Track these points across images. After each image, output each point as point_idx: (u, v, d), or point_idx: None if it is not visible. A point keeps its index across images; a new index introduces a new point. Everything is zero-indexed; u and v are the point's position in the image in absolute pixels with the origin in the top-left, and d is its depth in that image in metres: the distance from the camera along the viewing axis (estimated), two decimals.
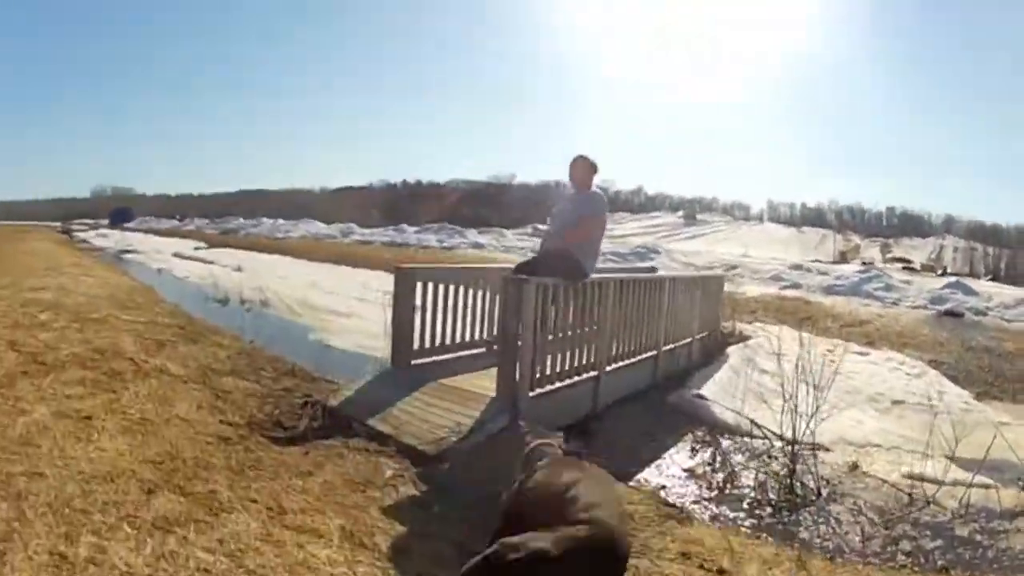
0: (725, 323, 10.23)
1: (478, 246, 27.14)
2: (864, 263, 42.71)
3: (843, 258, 51.65)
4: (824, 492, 4.68)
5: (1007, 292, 19.12)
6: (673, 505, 4.20)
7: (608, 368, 5.84)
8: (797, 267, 21.15)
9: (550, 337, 4.90)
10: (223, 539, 2.79)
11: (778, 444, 5.30)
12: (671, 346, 7.40)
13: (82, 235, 39.66)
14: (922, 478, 4.93)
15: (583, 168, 5.50)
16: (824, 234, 78.02)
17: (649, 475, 4.80)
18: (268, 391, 5.26)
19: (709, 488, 4.68)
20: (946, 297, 16.81)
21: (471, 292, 5.96)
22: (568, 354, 5.20)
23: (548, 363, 4.94)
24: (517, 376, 4.64)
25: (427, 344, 5.59)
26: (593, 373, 5.62)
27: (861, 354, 10.17)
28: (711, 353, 8.82)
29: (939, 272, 41.60)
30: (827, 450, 5.44)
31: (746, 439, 5.68)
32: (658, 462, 5.07)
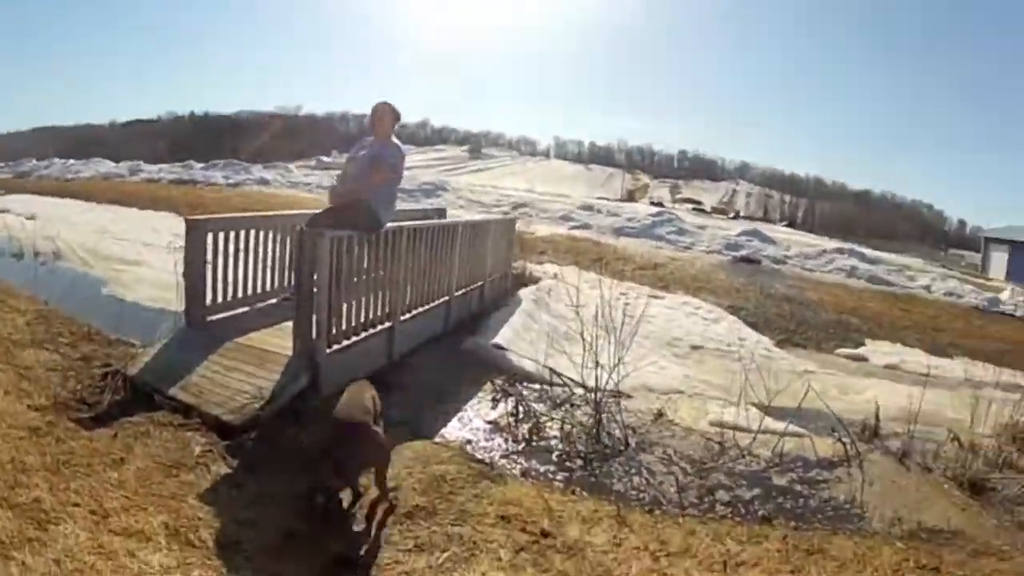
0: (515, 264, 10.26)
1: (264, 182, 26.62)
2: (653, 203, 44.10)
3: (631, 197, 52.84)
4: (632, 442, 4.70)
5: (808, 241, 20.53)
6: (482, 461, 4.20)
7: (402, 318, 5.84)
8: (587, 208, 21.55)
9: (345, 291, 4.87)
10: (58, 559, 2.70)
11: (579, 392, 5.34)
12: (463, 291, 7.45)
13: None
14: (733, 427, 5.07)
15: (384, 114, 5.34)
16: (612, 173, 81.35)
17: (452, 430, 4.76)
18: (69, 363, 4.96)
19: (515, 441, 4.63)
20: (742, 244, 17.57)
21: (263, 239, 5.78)
22: (364, 306, 5.20)
23: (344, 318, 4.93)
24: (314, 334, 4.60)
25: (220, 299, 5.39)
26: (387, 324, 5.61)
27: (655, 297, 10.70)
28: (502, 295, 8.86)
29: (731, 215, 43.18)
30: (629, 397, 5.53)
31: (546, 387, 5.68)
32: (460, 415, 5.03)
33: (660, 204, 41.57)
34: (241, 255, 5.52)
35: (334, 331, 4.79)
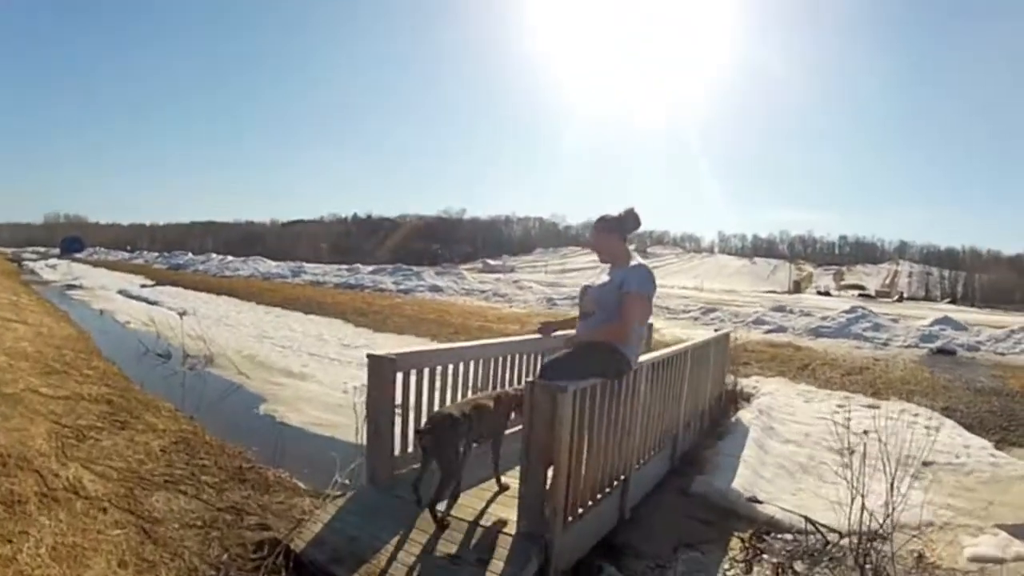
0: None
1: (436, 289, 25.72)
2: (820, 292, 43.49)
3: (797, 287, 52.53)
4: None
5: (993, 320, 19.66)
6: None
7: (636, 466, 4.72)
8: (779, 309, 20.58)
9: (586, 452, 3.75)
10: None
11: (837, 539, 4.57)
12: (687, 421, 6.32)
13: (32, 265, 38.28)
14: (995, 560, 4.53)
15: (599, 240, 4.09)
16: (776, 264, 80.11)
17: None
18: (212, 516, 4.04)
19: None
20: (936, 334, 16.57)
21: (461, 372, 4.87)
22: (601, 463, 4.05)
23: (583, 483, 3.78)
24: (548, 510, 3.48)
25: (411, 447, 4.40)
26: (622, 477, 4.47)
27: (872, 407, 9.63)
28: (720, 418, 7.93)
29: (895, 298, 42.21)
30: (883, 539, 4.46)
31: (799, 536, 4.73)
32: None
33: (827, 293, 39.91)
34: (436, 393, 4.59)
35: (571, 501, 3.67)
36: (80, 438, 5.07)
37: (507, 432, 4.29)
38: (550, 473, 3.49)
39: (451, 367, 4.72)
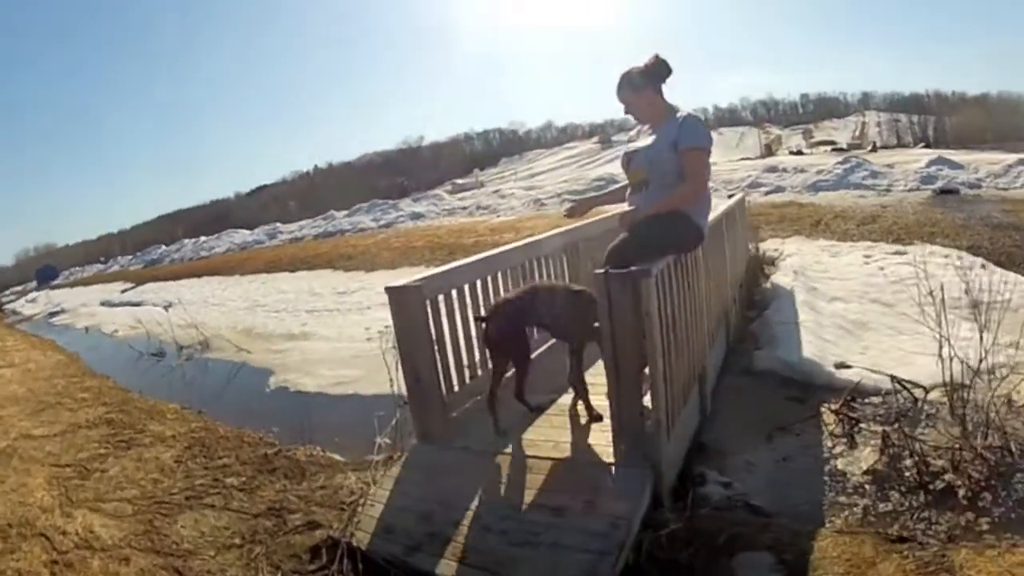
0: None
1: (417, 216, 24.53)
2: (792, 152, 43.40)
3: (769, 151, 52.42)
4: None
5: (979, 158, 18.78)
6: (912, 540, 2.66)
7: (708, 354, 4.13)
8: (772, 169, 19.88)
9: (675, 346, 3.11)
10: None
11: (929, 397, 4.14)
12: (732, 293, 5.78)
13: (11, 305, 37.25)
14: None
15: (635, 95, 3.35)
16: (742, 131, 79.61)
17: (828, 501, 3.16)
18: (248, 524, 3.39)
19: (910, 490, 3.14)
20: (934, 175, 16.27)
21: (491, 287, 4.19)
22: (687, 356, 3.44)
23: (676, 384, 3.17)
24: (649, 425, 2.87)
25: (457, 386, 3.75)
26: (699, 369, 3.89)
27: (897, 253, 9.49)
28: (755, 285, 7.56)
29: (868, 148, 42.82)
30: (966, 387, 3.99)
31: (885, 399, 4.28)
32: (825, 469, 3.47)
33: (799, 152, 39.37)
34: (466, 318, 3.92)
35: (670, 409, 3.04)
36: (83, 475, 4.39)
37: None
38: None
39: (479, 284, 4.03)
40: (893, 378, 4.37)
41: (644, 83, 3.29)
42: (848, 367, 4.79)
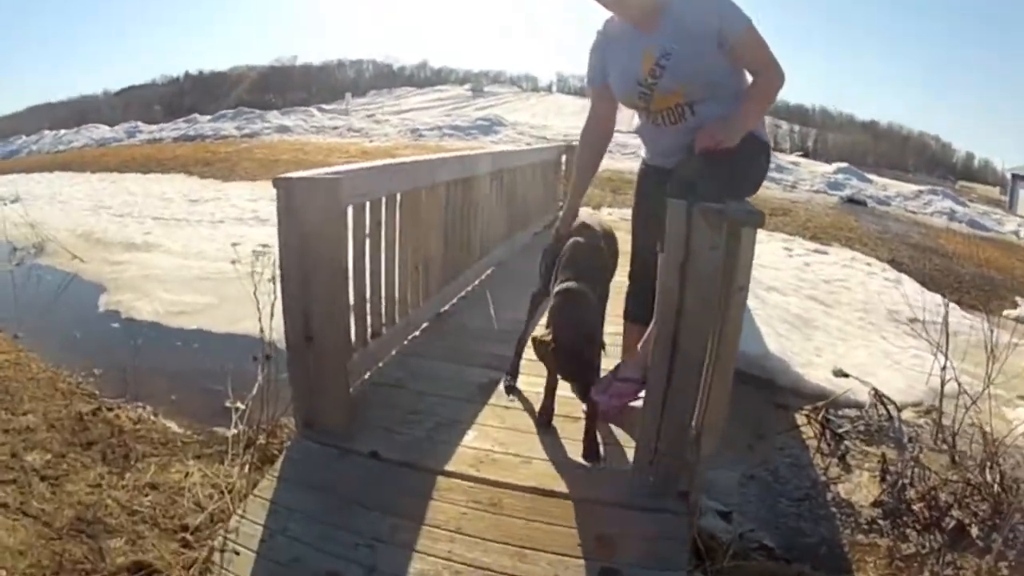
0: None
1: (284, 129, 22.86)
2: None
3: None
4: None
5: (897, 184, 19.33)
6: None
7: None
8: None
9: None
10: None
11: (898, 414, 3.81)
12: None
13: None
14: None
15: None
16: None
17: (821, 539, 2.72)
18: (50, 549, 2.05)
19: (924, 527, 2.77)
20: (841, 183, 16.54)
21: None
22: None
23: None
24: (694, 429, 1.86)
25: (356, 349, 2.52)
26: None
27: (818, 251, 9.37)
28: None
29: None
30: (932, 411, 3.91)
31: (860, 411, 3.87)
32: (826, 503, 2.98)
33: None
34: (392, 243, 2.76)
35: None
36: None
37: None
38: None
39: (425, 197, 2.90)
40: (875, 392, 3.92)
41: None
42: (845, 375, 4.29)
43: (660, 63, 2.05)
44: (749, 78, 2.11)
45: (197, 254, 6.94)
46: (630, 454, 2.01)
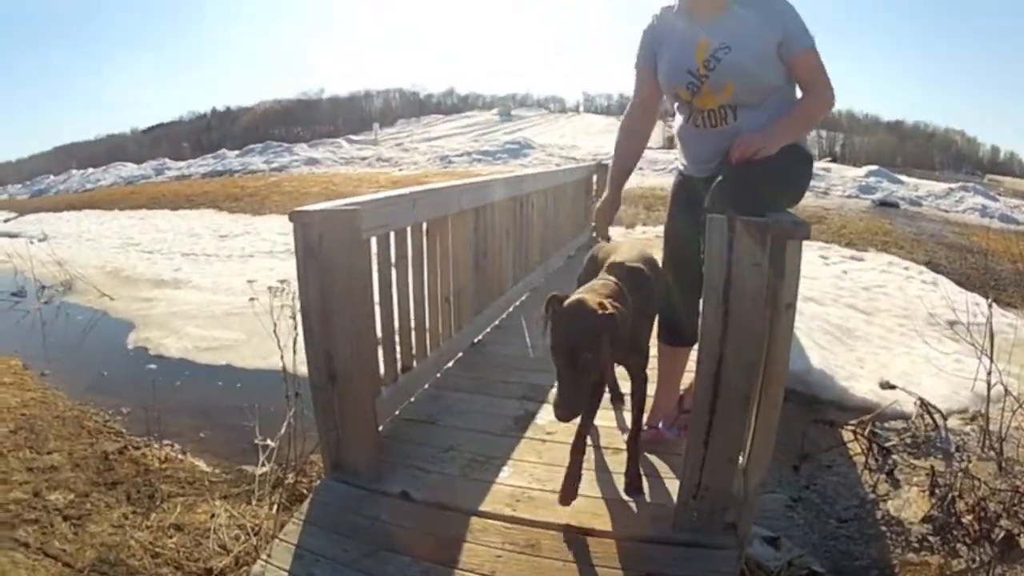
0: None
1: (313, 162, 22.79)
2: None
3: (670, 144, 53.57)
4: None
5: (928, 183, 18.69)
6: None
7: None
8: None
9: None
10: None
11: (944, 423, 3.66)
12: None
13: None
14: None
15: None
16: None
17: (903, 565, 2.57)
18: None
19: (974, 540, 2.64)
20: (873, 186, 16.08)
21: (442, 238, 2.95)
22: None
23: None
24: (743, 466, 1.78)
25: (386, 384, 2.44)
26: None
27: (854, 258, 9.21)
28: None
29: None
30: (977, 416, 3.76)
31: (907, 422, 3.75)
32: (876, 522, 2.85)
33: None
34: (420, 273, 2.70)
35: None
36: None
37: None
38: None
39: (430, 227, 2.79)
40: (922, 402, 3.75)
41: None
42: (892, 387, 4.14)
43: (717, 55, 1.98)
44: (799, 93, 2.04)
45: (226, 289, 6.93)
46: (671, 485, 1.91)
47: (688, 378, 2.37)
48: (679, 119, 2.21)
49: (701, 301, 1.65)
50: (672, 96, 2.14)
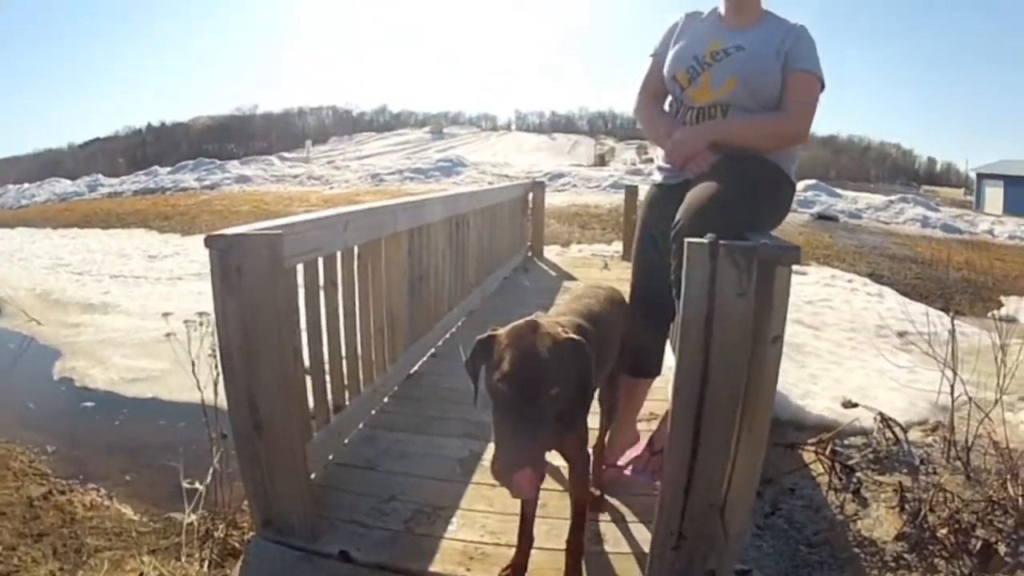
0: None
1: (244, 179, 22.50)
2: (625, 165, 45.81)
3: (602, 161, 54.44)
4: None
5: (866, 195, 19.66)
6: None
7: None
8: (636, 172, 20.32)
9: None
10: None
11: (904, 436, 3.62)
12: None
13: None
14: None
15: None
16: (576, 140, 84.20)
17: None
18: None
19: (952, 553, 2.66)
20: (811, 199, 16.34)
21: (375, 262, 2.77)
22: None
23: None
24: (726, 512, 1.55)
25: (316, 425, 2.20)
26: None
27: (798, 273, 9.19)
28: None
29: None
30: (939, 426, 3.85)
31: (867, 437, 3.70)
32: (848, 544, 2.79)
33: (634, 165, 40.48)
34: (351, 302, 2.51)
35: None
36: None
37: None
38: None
39: (384, 247, 2.66)
40: (882, 416, 3.70)
41: None
42: (854, 405, 4.05)
43: (728, 50, 2.01)
44: None
45: (154, 314, 6.55)
46: (639, 532, 1.77)
47: (649, 409, 2.24)
48: (670, 111, 2.20)
49: (675, 333, 1.51)
50: (670, 82, 2.12)
